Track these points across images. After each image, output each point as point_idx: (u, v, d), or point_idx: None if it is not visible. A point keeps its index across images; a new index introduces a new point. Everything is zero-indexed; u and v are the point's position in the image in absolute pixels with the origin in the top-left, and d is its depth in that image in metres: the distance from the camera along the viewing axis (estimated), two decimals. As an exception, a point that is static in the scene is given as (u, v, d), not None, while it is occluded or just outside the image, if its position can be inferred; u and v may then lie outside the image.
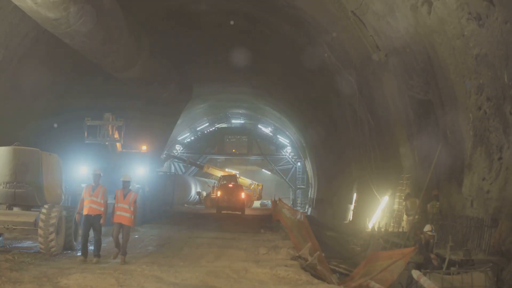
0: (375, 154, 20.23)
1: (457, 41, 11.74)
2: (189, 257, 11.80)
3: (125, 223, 11.20)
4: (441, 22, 12.10)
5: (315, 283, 8.69)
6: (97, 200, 11.20)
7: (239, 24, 25.90)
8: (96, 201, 11.21)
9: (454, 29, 11.71)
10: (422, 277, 8.15)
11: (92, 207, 11.17)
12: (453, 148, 12.97)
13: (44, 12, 14.29)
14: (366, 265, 9.87)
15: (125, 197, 11.26)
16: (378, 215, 18.65)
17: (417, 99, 15.57)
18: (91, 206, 11.17)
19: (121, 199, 11.26)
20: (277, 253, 12.59)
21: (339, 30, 18.46)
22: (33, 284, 7.74)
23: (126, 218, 11.18)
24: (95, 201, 11.22)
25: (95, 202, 11.22)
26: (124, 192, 11.37)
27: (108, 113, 19.32)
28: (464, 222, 11.50)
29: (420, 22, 12.99)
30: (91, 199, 11.21)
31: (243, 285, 8.41)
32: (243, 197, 30.47)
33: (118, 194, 11.36)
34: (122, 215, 11.17)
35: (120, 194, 11.34)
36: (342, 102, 23.07)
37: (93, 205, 11.18)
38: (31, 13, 14.46)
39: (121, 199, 11.25)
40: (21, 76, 18.75)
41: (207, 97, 39.06)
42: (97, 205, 11.20)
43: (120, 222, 11.18)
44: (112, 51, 19.17)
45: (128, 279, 8.50)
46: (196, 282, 8.53)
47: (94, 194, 11.21)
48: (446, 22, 11.93)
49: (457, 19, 11.48)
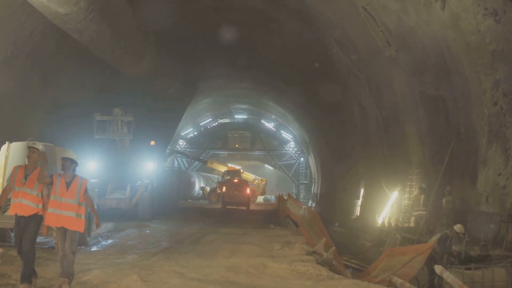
0: (383, 149, 20.24)
1: (472, 36, 11.74)
2: (205, 252, 11.80)
3: (71, 227, 7.43)
4: (456, 17, 12.09)
5: (336, 278, 8.71)
6: (31, 193, 7.37)
7: (245, 20, 25.88)
8: (28, 194, 7.37)
9: (469, 25, 11.70)
10: (445, 272, 8.18)
11: (22, 204, 7.35)
12: (467, 144, 12.99)
13: (54, 7, 14.27)
14: (384, 260, 9.90)
15: (69, 186, 7.44)
16: (388, 211, 18.68)
17: (428, 94, 15.58)
18: (21, 202, 7.35)
19: (62, 189, 7.42)
20: (291, 248, 12.61)
21: (348, 25, 18.45)
22: (56, 281, 7.72)
23: (71, 219, 7.42)
24: (28, 195, 7.36)
25: (27, 196, 7.36)
26: (67, 178, 7.48)
27: (117, 108, 19.32)
28: (479, 217, 11.53)
29: (434, 17, 12.98)
30: (22, 191, 7.34)
31: (264, 280, 8.41)
32: (248, 192, 30.50)
33: (58, 182, 7.44)
34: (63, 216, 7.38)
35: (61, 183, 7.44)
36: (349, 98, 23.07)
37: (24, 200, 7.35)
38: (41, 8, 14.43)
39: (62, 189, 7.42)
40: (29, 72, 18.75)
41: (210, 93, 39.05)
42: (30, 200, 7.37)
43: (63, 226, 7.44)
44: (120, 46, 19.15)
45: (150, 275, 8.51)
46: (217, 277, 8.54)
47: (27, 184, 7.35)
48: (460, 17, 11.93)
49: (473, 14, 11.47)
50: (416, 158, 17.37)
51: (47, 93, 20.36)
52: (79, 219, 7.51)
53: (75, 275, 8.21)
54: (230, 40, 27.20)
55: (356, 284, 7.97)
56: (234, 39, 27.26)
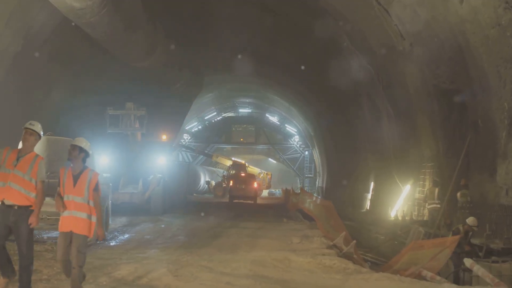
0: (394, 143, 20.26)
1: (492, 30, 11.73)
2: (224, 247, 11.82)
3: (79, 230, 6.14)
4: (475, 11, 12.08)
5: (364, 272, 8.75)
6: (23, 177, 6.08)
7: (252, 14, 25.82)
8: (20, 177, 6.06)
9: (489, 18, 11.69)
10: (475, 265, 8.22)
11: (12, 189, 6.03)
12: (485, 137, 13.00)
13: (70, 2, 14.28)
14: (407, 253, 9.93)
15: (77, 181, 6.15)
16: (400, 204, 18.72)
17: (442, 88, 15.57)
18: (10, 186, 6.03)
19: (68, 185, 6.13)
20: (310, 242, 12.65)
21: (360, 19, 18.42)
22: (87, 276, 7.72)
23: (81, 221, 6.15)
24: (19, 178, 6.06)
25: (18, 180, 6.05)
26: (75, 171, 6.20)
27: (130, 103, 19.32)
28: (499, 210, 11.56)
29: (451, 11, 12.96)
30: (12, 174, 6.05)
31: (293, 274, 8.43)
32: (256, 186, 30.59)
33: (64, 177, 6.18)
34: (72, 217, 6.13)
35: (68, 177, 6.16)
36: (359, 92, 23.06)
37: (13, 184, 6.02)
38: (56, 3, 14.43)
39: (69, 185, 6.13)
40: (39, 65, 18.75)
41: (215, 86, 39.07)
42: (21, 185, 6.04)
43: (71, 230, 6.14)
44: (132, 40, 19.15)
45: (179, 269, 8.51)
46: (246, 271, 8.55)
47: (19, 166, 6.06)
48: (480, 11, 11.92)
49: (493, 8, 11.46)
50: (429, 151, 17.39)
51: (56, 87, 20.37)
52: (89, 221, 6.17)
53: (105, 270, 8.28)
54: (235, 34, 27.19)
55: (388, 277, 8.00)
56: (240, 33, 27.25)
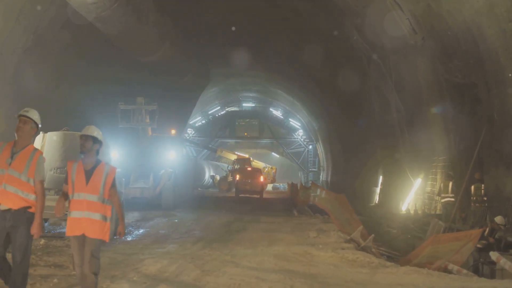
0: (404, 137, 20.27)
1: (509, 24, 11.71)
2: (242, 241, 11.86)
3: (93, 234, 5.42)
4: (491, 5, 12.07)
5: (389, 266, 8.78)
6: (19, 178, 5.39)
7: (258, 7, 25.77)
8: (16, 178, 5.37)
9: (506, 12, 11.68)
10: (501, 259, 8.26)
11: (7, 192, 5.36)
12: (501, 131, 13.01)
13: (83, -4, 14.33)
14: (427, 247, 9.97)
15: (90, 177, 5.44)
16: (412, 197, 18.75)
17: (455, 82, 15.55)
18: (5, 189, 5.35)
19: (80, 182, 5.42)
20: (327, 236, 12.68)
21: (371, 13, 18.35)
22: (116, 271, 7.77)
23: (94, 223, 5.44)
24: (14, 179, 5.37)
25: (13, 181, 5.36)
26: (87, 166, 5.48)
27: (140, 97, 19.31)
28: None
29: (467, 5, 12.94)
30: (7, 175, 5.37)
31: (319, 269, 8.44)
32: (262, 180, 30.59)
33: (73, 173, 5.43)
34: (84, 219, 5.40)
35: (79, 172, 5.43)
36: (368, 86, 23.04)
37: (9, 187, 5.35)
38: (70, -1, 14.45)
39: (81, 182, 5.42)
40: (48, 60, 18.74)
41: (219, 81, 39.02)
42: (17, 187, 5.36)
43: (83, 234, 5.42)
44: (142, 33, 19.12)
45: (205, 264, 8.54)
46: (272, 266, 8.57)
47: (14, 165, 5.36)
48: (497, 5, 11.91)
49: (510, 2, 11.45)
50: (440, 145, 17.41)
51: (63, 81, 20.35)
52: (104, 223, 5.45)
53: (132, 266, 8.28)
54: (241, 27, 27.14)
55: (416, 271, 8.03)
56: (246, 27, 27.19)
